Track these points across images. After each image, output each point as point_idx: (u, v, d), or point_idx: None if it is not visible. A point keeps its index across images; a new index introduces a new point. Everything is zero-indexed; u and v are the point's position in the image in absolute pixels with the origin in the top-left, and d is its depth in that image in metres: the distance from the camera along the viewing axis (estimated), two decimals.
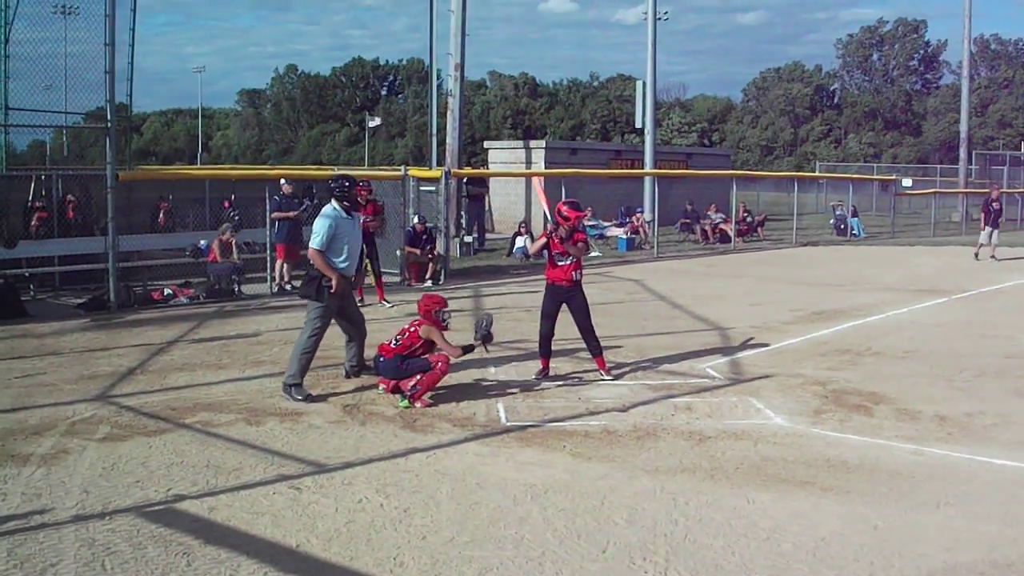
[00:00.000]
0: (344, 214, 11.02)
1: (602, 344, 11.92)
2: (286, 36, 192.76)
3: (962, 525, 7.03)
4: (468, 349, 10.87)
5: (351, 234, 11.09)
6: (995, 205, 28.17)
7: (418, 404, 10.33)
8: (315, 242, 10.74)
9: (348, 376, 11.51)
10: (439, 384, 10.58)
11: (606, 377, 11.61)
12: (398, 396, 10.48)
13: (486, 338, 10.95)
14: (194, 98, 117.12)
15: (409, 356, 10.55)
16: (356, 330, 11.51)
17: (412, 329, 10.72)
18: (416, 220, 21.47)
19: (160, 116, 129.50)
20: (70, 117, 20.78)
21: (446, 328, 10.85)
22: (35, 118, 19.66)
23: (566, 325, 11.78)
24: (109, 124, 16.85)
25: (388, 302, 17.70)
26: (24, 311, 16.24)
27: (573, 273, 11.82)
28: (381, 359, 10.70)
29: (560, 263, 11.79)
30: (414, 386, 10.43)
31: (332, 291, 10.64)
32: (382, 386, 10.77)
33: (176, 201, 25.80)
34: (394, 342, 10.68)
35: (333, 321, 11.14)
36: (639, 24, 39.15)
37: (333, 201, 11.09)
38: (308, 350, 10.67)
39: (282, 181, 20.21)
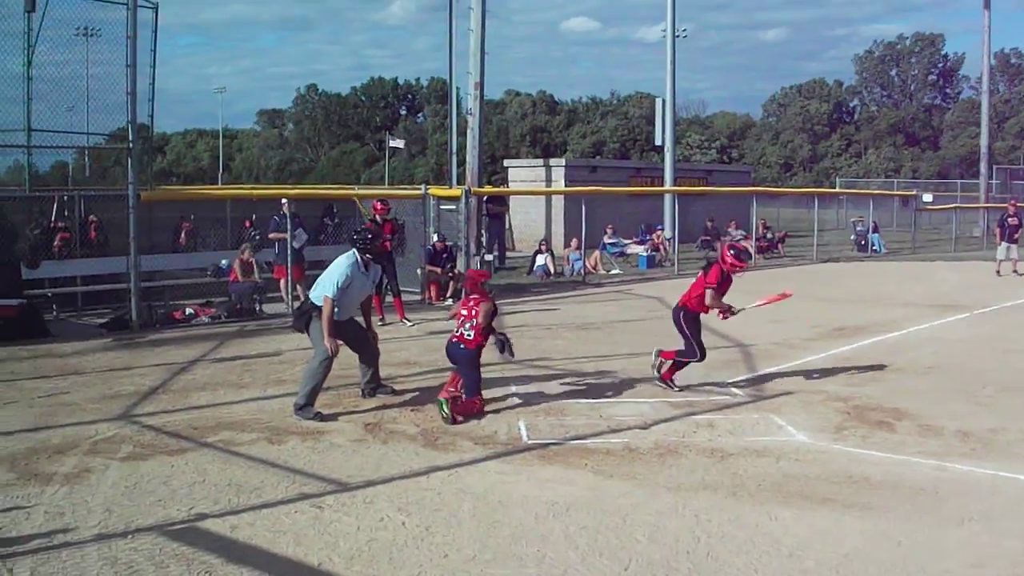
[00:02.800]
0: (363, 267, 11.02)
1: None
2: (308, 56, 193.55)
3: (986, 541, 7.00)
4: (498, 338, 11.06)
5: (361, 289, 11.12)
6: (1011, 220, 28.07)
7: (459, 419, 10.43)
8: (329, 290, 10.66)
9: (364, 396, 11.47)
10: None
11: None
12: (440, 402, 10.60)
13: (504, 345, 11.05)
14: (215, 119, 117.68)
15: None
16: (364, 353, 11.46)
17: (472, 312, 10.91)
18: (436, 238, 21.49)
19: (183, 137, 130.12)
20: (92, 138, 20.88)
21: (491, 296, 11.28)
22: (58, 139, 19.75)
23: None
24: (131, 145, 16.96)
25: (409, 321, 17.69)
26: (47, 331, 16.32)
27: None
28: (461, 348, 10.89)
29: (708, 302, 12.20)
30: (457, 398, 10.61)
31: (329, 351, 10.57)
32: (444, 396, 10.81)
33: (197, 221, 25.90)
34: (466, 333, 10.87)
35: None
36: (660, 42, 39.06)
37: (355, 251, 11.05)
38: (315, 375, 10.67)
39: (283, 201, 20.13)
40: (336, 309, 10.64)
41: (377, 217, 17.74)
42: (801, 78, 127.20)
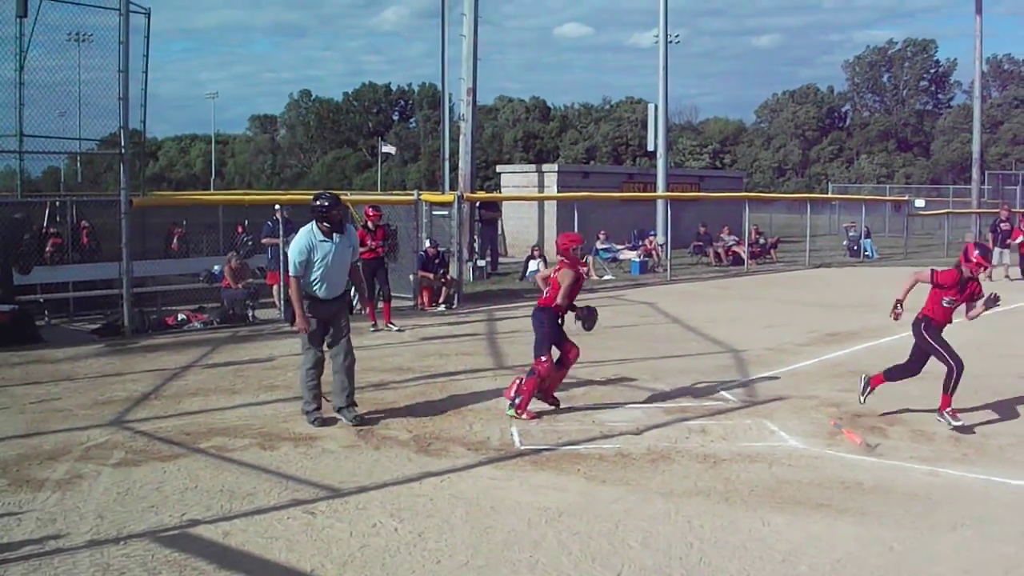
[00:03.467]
0: (322, 236, 10.39)
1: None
2: (302, 62, 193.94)
3: (978, 546, 7.01)
4: (583, 313, 11.32)
5: (331, 259, 10.41)
6: (1004, 225, 28.13)
7: (524, 416, 10.65)
8: (290, 268, 10.42)
9: (333, 409, 10.70)
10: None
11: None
12: (507, 404, 10.85)
13: (586, 319, 11.34)
14: (208, 124, 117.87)
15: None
16: (336, 348, 10.63)
17: (554, 276, 11.07)
18: (429, 244, 21.49)
19: (175, 142, 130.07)
20: (84, 143, 20.89)
21: (584, 265, 11.23)
22: (50, 144, 19.75)
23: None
24: (123, 150, 16.94)
25: (394, 325, 17.74)
26: (39, 337, 16.29)
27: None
28: (537, 308, 11.13)
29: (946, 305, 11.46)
30: (516, 394, 10.75)
31: (294, 329, 10.62)
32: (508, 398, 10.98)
33: (190, 226, 25.86)
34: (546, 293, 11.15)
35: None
36: (653, 48, 39.13)
37: (313, 222, 10.49)
38: (309, 378, 10.56)
39: (276, 207, 20.14)
40: (319, 285, 10.39)
41: (369, 223, 17.77)
42: (794, 84, 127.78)
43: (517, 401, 10.77)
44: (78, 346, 15.78)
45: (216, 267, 20.48)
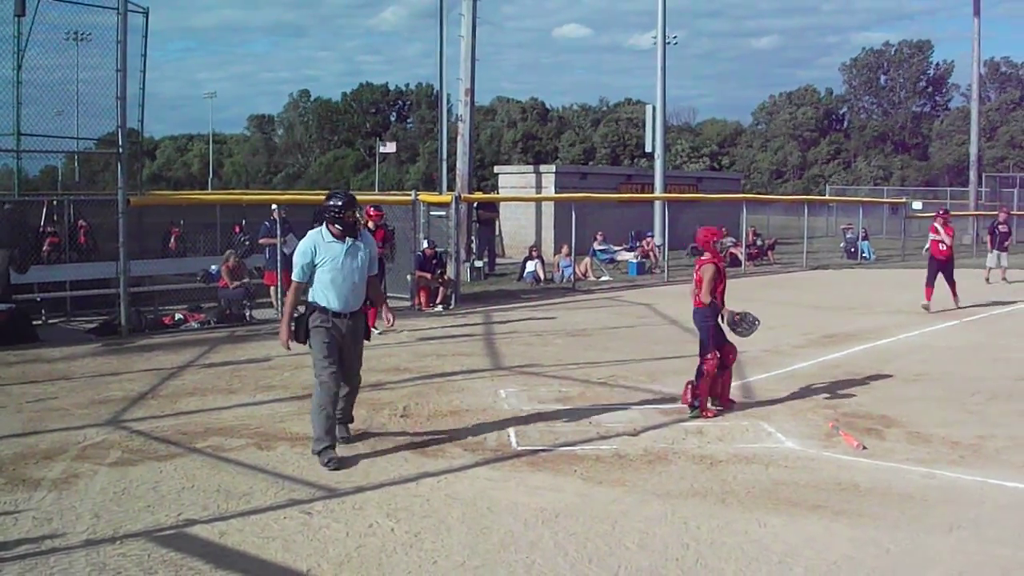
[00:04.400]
0: (332, 238, 9.21)
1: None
2: (300, 62, 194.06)
3: (974, 548, 7.01)
4: (735, 319, 11.32)
5: (341, 263, 9.18)
6: (1002, 228, 28.13)
7: (709, 415, 10.78)
8: (295, 273, 9.32)
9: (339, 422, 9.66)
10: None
11: None
12: (688, 410, 10.96)
13: (739, 324, 11.32)
14: (206, 124, 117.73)
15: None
16: (349, 370, 9.53)
17: (697, 273, 11.18)
18: (426, 245, 21.49)
19: (173, 141, 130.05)
20: (82, 143, 20.88)
21: (724, 260, 11.34)
22: (47, 143, 19.75)
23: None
24: (120, 149, 16.93)
25: (376, 329, 16.83)
26: (36, 336, 16.29)
27: None
28: (695, 309, 11.24)
29: None
30: (694, 398, 10.89)
31: (281, 343, 9.42)
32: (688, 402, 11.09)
33: (187, 226, 25.86)
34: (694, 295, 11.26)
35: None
36: (652, 49, 39.02)
37: (324, 224, 9.33)
38: (321, 405, 9.07)
39: (273, 207, 20.15)
40: (326, 293, 9.18)
41: (370, 223, 17.36)
42: (791, 85, 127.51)
43: (697, 404, 10.90)
44: (75, 345, 15.78)
45: (213, 267, 20.48)
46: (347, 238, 9.22)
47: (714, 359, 10.95)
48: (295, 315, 9.48)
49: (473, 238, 29.54)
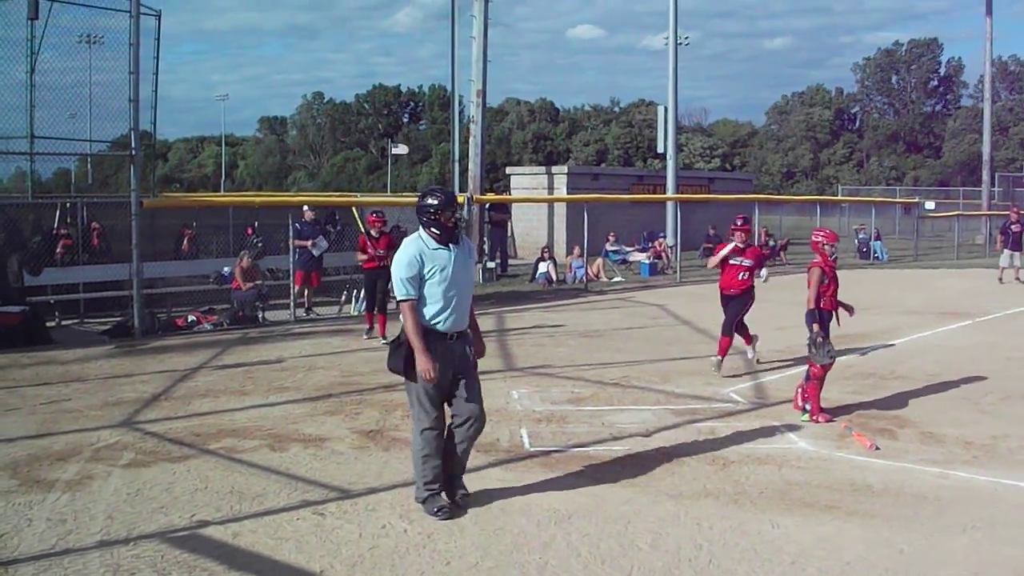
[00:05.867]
0: (436, 244, 7.73)
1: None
2: (313, 64, 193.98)
3: (988, 549, 6.99)
4: (820, 340, 11.03)
5: (451, 272, 7.71)
6: (1015, 228, 28.01)
7: (820, 419, 10.70)
8: (398, 290, 7.66)
9: (449, 496, 7.90)
10: None
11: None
12: (798, 414, 10.95)
13: (820, 347, 11.01)
14: (219, 126, 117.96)
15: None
16: (464, 426, 7.81)
17: (808, 276, 11.17)
18: None
19: (185, 143, 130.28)
20: (95, 145, 20.95)
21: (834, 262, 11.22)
22: (61, 146, 19.84)
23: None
24: (133, 152, 16.99)
25: (385, 339, 16.09)
26: (49, 338, 16.35)
27: None
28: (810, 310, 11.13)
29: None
30: (804, 401, 10.87)
31: (424, 379, 7.50)
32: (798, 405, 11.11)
33: (200, 228, 25.89)
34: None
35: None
36: (665, 50, 38.86)
37: (420, 228, 7.88)
38: (424, 452, 7.69)
39: (304, 208, 20.30)
40: (439, 311, 7.71)
41: (372, 230, 16.75)
42: (804, 86, 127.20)
43: (808, 408, 10.85)
44: (88, 347, 15.83)
45: (226, 268, 20.52)
46: (450, 244, 7.77)
47: (819, 368, 10.91)
48: (396, 340, 7.91)
49: (485, 239, 29.53)
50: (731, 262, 13.98)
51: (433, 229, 7.72)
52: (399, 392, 11.89)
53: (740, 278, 13.95)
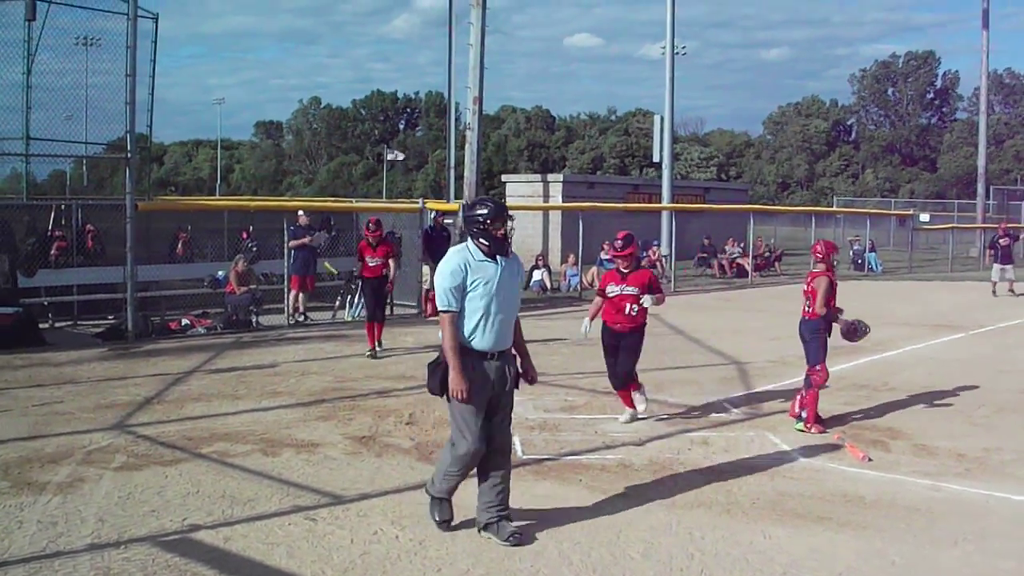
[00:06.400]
0: (483, 256, 7.33)
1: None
2: (310, 69, 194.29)
3: (979, 561, 6.99)
4: (847, 327, 11.23)
5: (497, 286, 7.30)
6: (1003, 242, 28.16)
7: (815, 429, 10.71)
8: (440, 300, 7.28)
9: (479, 530, 7.42)
10: None
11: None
12: (794, 422, 10.96)
13: (854, 332, 11.26)
14: (215, 130, 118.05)
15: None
16: (496, 456, 7.48)
17: (811, 286, 11.24)
18: None
19: (181, 146, 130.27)
20: (90, 147, 20.92)
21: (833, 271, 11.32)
22: (56, 148, 19.80)
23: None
24: (129, 154, 16.98)
25: (380, 346, 15.95)
26: (42, 340, 16.32)
27: None
28: (804, 320, 11.21)
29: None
30: (801, 409, 10.88)
31: (454, 395, 7.16)
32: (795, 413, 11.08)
33: (195, 232, 25.86)
34: (806, 306, 11.28)
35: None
36: (662, 59, 38.84)
37: (468, 239, 7.49)
38: (451, 470, 7.40)
39: (299, 212, 20.32)
40: (482, 327, 7.27)
41: (370, 238, 16.25)
42: (800, 96, 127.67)
43: (804, 415, 10.86)
44: (81, 349, 15.81)
45: (220, 272, 20.52)
46: (497, 256, 7.39)
47: (823, 371, 10.96)
48: (434, 361, 7.47)
49: None
50: (610, 294, 11.51)
51: (482, 240, 7.32)
52: (392, 398, 11.94)
53: (627, 312, 11.39)
